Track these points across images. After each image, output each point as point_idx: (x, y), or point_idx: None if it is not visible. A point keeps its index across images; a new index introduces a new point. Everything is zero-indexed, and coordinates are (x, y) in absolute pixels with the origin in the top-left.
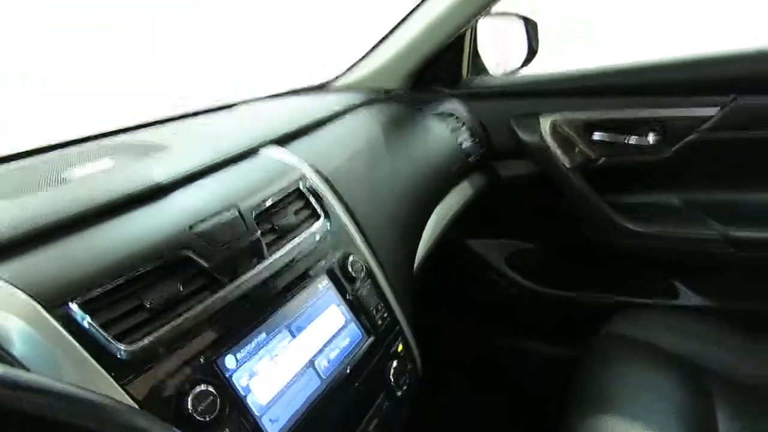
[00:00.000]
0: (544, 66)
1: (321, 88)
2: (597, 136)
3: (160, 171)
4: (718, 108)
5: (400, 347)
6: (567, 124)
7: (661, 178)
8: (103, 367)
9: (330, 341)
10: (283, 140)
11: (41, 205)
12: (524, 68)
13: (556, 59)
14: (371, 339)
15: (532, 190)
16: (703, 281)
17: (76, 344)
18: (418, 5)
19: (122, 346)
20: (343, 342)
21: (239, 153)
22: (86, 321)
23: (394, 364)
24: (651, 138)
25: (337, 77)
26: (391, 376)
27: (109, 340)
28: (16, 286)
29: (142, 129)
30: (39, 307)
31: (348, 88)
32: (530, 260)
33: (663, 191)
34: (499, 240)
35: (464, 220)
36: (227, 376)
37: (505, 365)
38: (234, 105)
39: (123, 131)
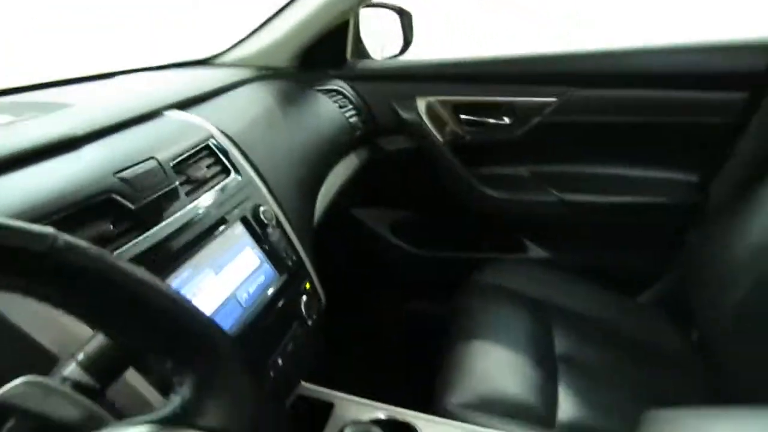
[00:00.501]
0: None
1: (203, 62)
2: (464, 116)
3: (72, 124)
4: (556, 98)
5: (308, 285)
6: (440, 105)
7: (513, 153)
8: None
9: (248, 278)
10: (185, 104)
11: None
12: (402, 55)
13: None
14: (284, 277)
15: (411, 163)
16: (545, 237)
17: None
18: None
19: None
20: (260, 278)
21: (145, 113)
22: None
23: (304, 298)
24: (506, 119)
25: (220, 53)
26: (302, 308)
27: None
28: None
29: (38, 89)
30: None
31: (235, 65)
32: (409, 226)
33: (515, 164)
34: (381, 208)
35: (351, 189)
36: None
37: (390, 319)
38: (114, 75)
39: (20, 90)
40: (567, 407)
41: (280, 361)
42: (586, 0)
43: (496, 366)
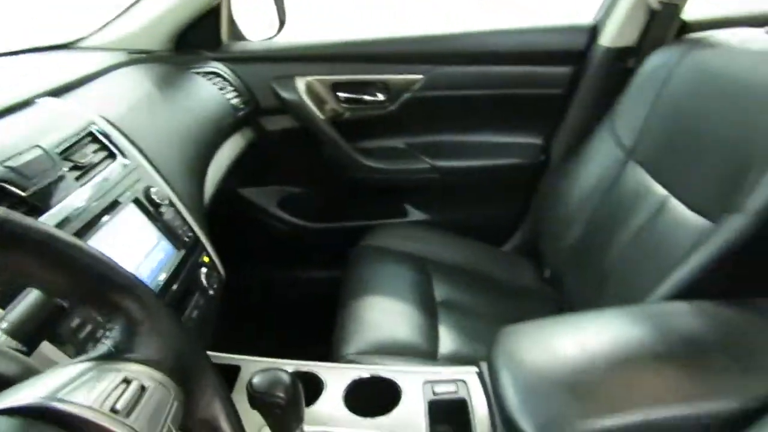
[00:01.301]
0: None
1: (66, 47)
2: (342, 94)
3: None
4: (423, 74)
5: (206, 258)
6: (318, 85)
7: (389, 126)
8: None
9: (148, 255)
10: (58, 91)
11: None
12: (277, 36)
13: None
14: (182, 252)
15: (296, 141)
16: (422, 201)
17: None
18: None
19: None
20: (159, 255)
21: (16, 103)
22: None
23: (204, 270)
24: (380, 96)
25: (84, 37)
26: (203, 280)
27: None
28: None
29: None
30: None
31: (103, 48)
32: (298, 201)
33: (391, 137)
34: (269, 186)
35: (238, 169)
36: None
37: (289, 289)
38: None
39: None
40: (447, 342)
41: None
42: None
43: (385, 316)
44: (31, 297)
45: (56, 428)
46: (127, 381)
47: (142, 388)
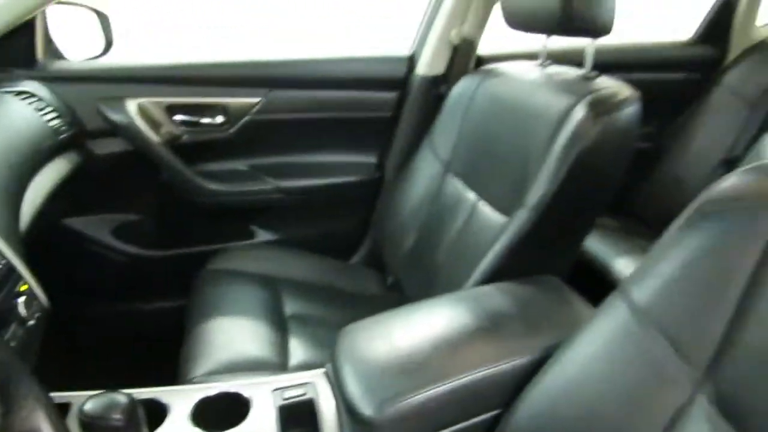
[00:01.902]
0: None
1: None
2: (178, 117)
3: None
4: (260, 98)
5: (24, 286)
6: (152, 107)
7: (230, 149)
8: None
9: None
10: None
11: None
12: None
13: None
14: None
15: (129, 165)
16: (269, 221)
17: None
18: None
19: None
20: None
21: None
22: None
23: (22, 299)
24: (219, 119)
25: None
26: (20, 309)
27: None
28: None
29: None
30: None
31: None
32: (135, 228)
33: (233, 159)
34: (100, 215)
35: (63, 197)
36: None
37: (131, 321)
38: None
39: None
40: (297, 352)
41: None
42: None
43: (233, 335)
44: None
45: None
46: None
47: None
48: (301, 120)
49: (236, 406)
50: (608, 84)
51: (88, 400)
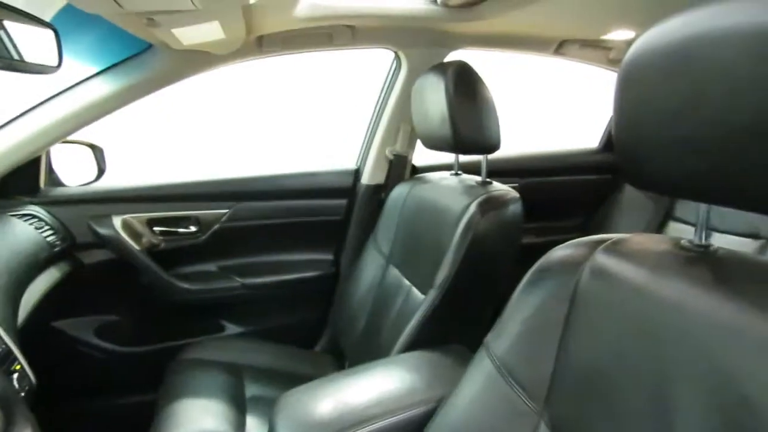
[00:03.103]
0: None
1: None
2: (157, 228)
3: None
4: (228, 209)
5: (18, 366)
6: (134, 221)
7: (202, 253)
8: None
9: None
10: None
11: None
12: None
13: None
14: None
15: (113, 272)
16: (236, 315)
17: None
18: None
19: None
20: None
21: None
22: None
23: (16, 375)
24: (193, 228)
25: None
26: (15, 383)
27: None
28: None
29: None
30: None
31: None
32: (117, 328)
33: (205, 262)
34: (85, 317)
35: (52, 302)
36: None
37: (102, 421)
38: None
39: None
40: (252, 428)
41: None
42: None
43: (196, 414)
44: None
45: None
46: None
47: None
48: (265, 225)
49: None
50: (497, 188)
51: None
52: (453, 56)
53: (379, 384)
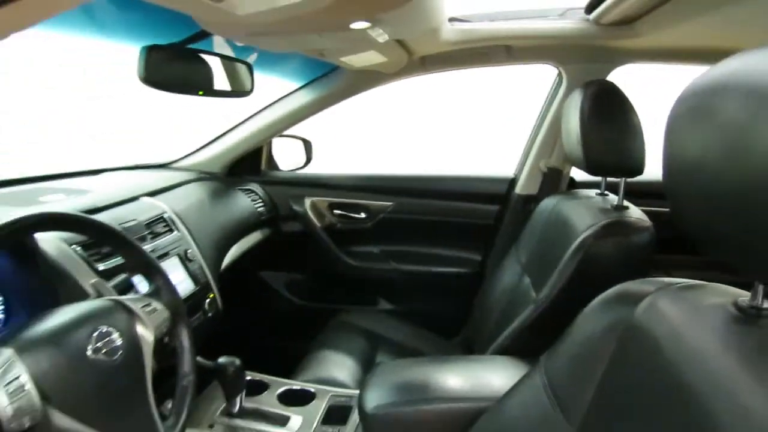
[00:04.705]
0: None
1: (164, 166)
2: (336, 211)
3: (93, 200)
4: (393, 202)
5: (212, 295)
6: (320, 203)
7: (368, 237)
8: None
9: (178, 284)
10: (153, 193)
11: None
12: (302, 169)
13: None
14: (197, 287)
15: (301, 241)
16: (389, 294)
17: None
18: (229, 129)
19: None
20: (182, 285)
21: (128, 197)
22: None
23: (207, 300)
24: (363, 214)
25: (175, 161)
26: (206, 305)
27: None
28: None
29: (67, 177)
30: None
31: (185, 169)
32: (297, 285)
33: (369, 244)
34: (277, 272)
35: (257, 256)
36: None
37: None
38: (100, 171)
39: (59, 177)
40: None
41: None
42: None
43: (331, 364)
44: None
45: (123, 311)
46: (150, 305)
47: (155, 309)
48: (422, 221)
49: (295, 398)
50: (630, 213)
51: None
52: (619, 71)
53: (455, 376)
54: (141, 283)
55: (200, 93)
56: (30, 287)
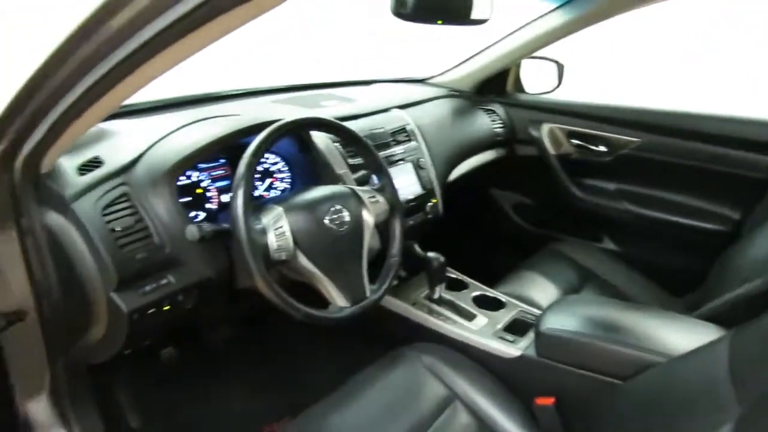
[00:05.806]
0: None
1: (420, 81)
2: (573, 141)
3: (355, 108)
4: (640, 138)
5: (434, 200)
6: (558, 131)
7: (604, 172)
8: None
9: (406, 187)
10: (402, 107)
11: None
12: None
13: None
14: (424, 191)
15: (533, 166)
16: (615, 235)
17: None
18: (484, 49)
19: None
20: (412, 187)
21: (382, 108)
22: None
23: (429, 203)
24: (602, 148)
25: (431, 77)
26: (427, 208)
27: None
28: None
29: (339, 86)
30: None
31: (438, 85)
32: (523, 208)
33: (604, 180)
34: (509, 192)
35: (489, 174)
36: None
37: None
38: (372, 82)
39: (333, 85)
40: None
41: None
42: None
43: (532, 290)
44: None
45: (355, 198)
46: (375, 197)
47: (378, 201)
48: (672, 163)
49: (486, 303)
50: None
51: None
52: None
53: (643, 325)
54: (374, 180)
55: (439, 22)
56: (305, 168)
